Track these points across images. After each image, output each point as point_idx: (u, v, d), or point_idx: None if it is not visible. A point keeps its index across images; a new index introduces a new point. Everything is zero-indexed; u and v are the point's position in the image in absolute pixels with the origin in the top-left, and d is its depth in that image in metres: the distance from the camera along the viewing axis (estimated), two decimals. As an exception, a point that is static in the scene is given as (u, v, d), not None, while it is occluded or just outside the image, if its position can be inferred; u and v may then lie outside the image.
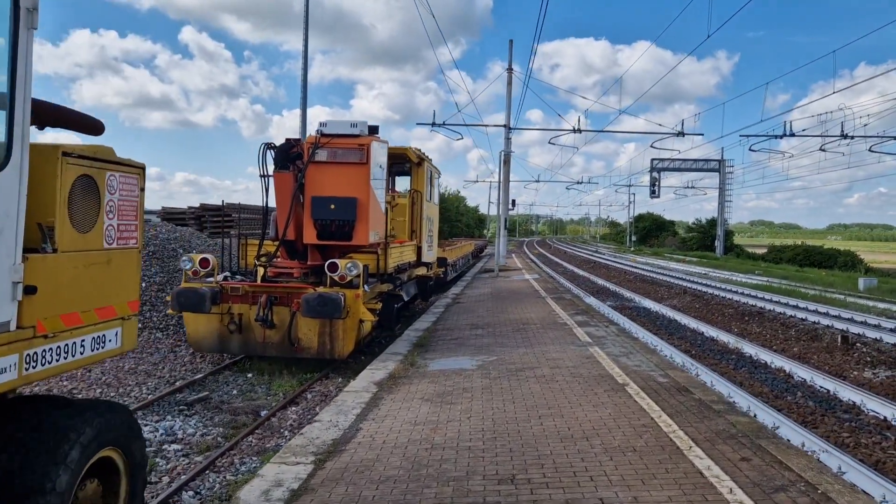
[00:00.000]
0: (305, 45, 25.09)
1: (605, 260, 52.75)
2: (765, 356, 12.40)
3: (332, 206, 10.40)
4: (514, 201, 54.19)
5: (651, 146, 36.73)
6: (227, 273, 11.53)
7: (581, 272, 37.23)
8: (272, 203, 10.92)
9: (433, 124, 32.46)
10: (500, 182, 28.19)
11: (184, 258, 10.81)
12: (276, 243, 11.02)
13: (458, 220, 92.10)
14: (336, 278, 10.53)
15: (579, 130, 32.95)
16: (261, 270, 10.98)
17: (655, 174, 69.16)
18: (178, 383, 9.98)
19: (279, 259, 11.05)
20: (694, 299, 22.86)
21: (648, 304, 21.19)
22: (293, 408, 9.01)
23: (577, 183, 71.78)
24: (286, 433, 7.90)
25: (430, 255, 19.25)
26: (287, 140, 10.78)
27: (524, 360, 10.03)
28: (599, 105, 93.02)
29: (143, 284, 13.97)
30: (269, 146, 10.53)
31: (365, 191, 10.50)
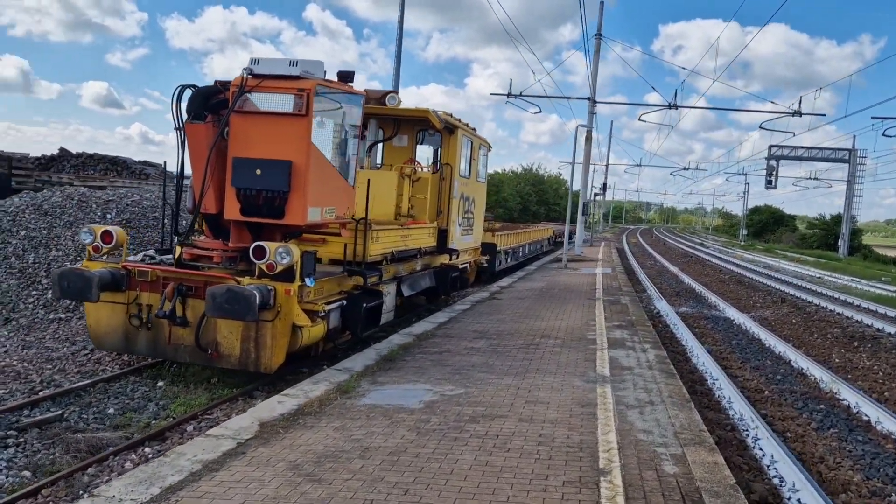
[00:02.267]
0: (401, 19, 23.00)
1: (706, 255, 47.85)
2: (870, 410, 8.81)
3: (258, 172, 7.79)
4: (604, 185, 50.28)
5: (761, 127, 31.99)
6: (152, 251, 9.20)
7: (671, 267, 33.17)
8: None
9: (509, 95, 29.33)
10: (573, 162, 24.87)
11: (84, 229, 8.55)
12: (200, 217, 8.55)
13: (556, 203, 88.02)
14: (263, 267, 7.97)
15: (675, 106, 28.87)
16: (178, 251, 8.55)
17: (773, 163, 62.63)
18: (42, 392, 7.74)
19: (201, 238, 8.59)
20: (792, 311, 18.84)
21: (732, 313, 17.46)
22: (151, 447, 6.52)
23: (684, 169, 66.28)
24: (83, 493, 5.41)
25: (465, 241, 16.40)
26: (216, 83, 8.25)
27: (496, 399, 7.12)
28: (723, 87, 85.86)
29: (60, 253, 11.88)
30: (186, 88, 8.03)
31: (302, 151, 7.82)
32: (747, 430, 7.75)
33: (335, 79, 8.85)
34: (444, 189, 14.87)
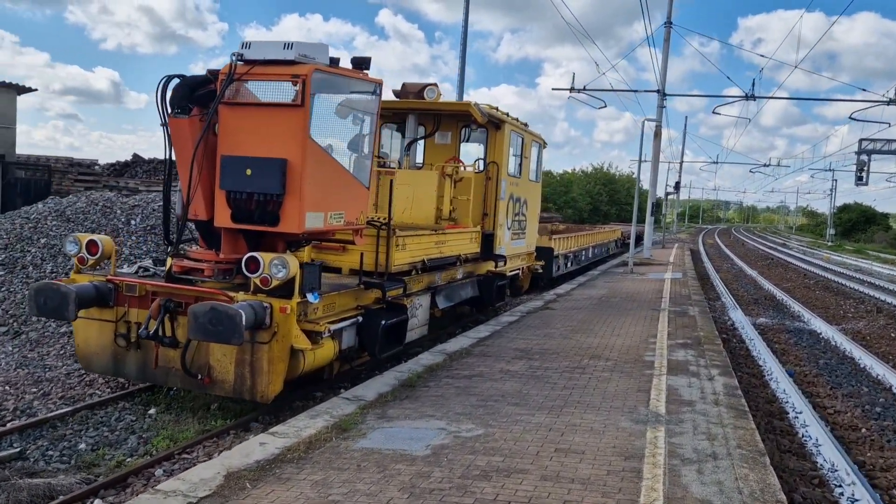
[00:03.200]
0: (465, 19, 22.40)
1: (789, 257, 44.76)
2: None
3: (248, 172, 6.75)
4: (677, 183, 47.75)
5: (851, 118, 29.30)
6: (148, 262, 8.32)
7: (749, 271, 30.82)
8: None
9: (571, 89, 27.76)
10: (639, 159, 23.11)
11: (69, 239, 7.72)
12: (192, 224, 7.60)
13: (628, 203, 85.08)
14: (258, 282, 6.93)
15: (753, 97, 26.64)
16: (169, 262, 7.62)
17: (863, 157, 58.37)
18: (10, 422, 6.91)
19: (195, 249, 7.62)
20: (890, 323, 16.69)
21: (819, 325, 15.52)
22: (104, 499, 5.54)
23: (765, 165, 62.63)
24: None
25: (515, 246, 15.11)
26: (208, 72, 7.26)
27: (519, 445, 5.84)
28: (807, 80, 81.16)
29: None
30: (172, 78, 7.07)
31: (298, 148, 6.71)
32: (840, 487, 6.21)
33: (314, 57, 7.69)
34: (490, 190, 13.62)
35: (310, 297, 7.15)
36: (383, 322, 8.37)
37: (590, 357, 9.40)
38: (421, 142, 14.12)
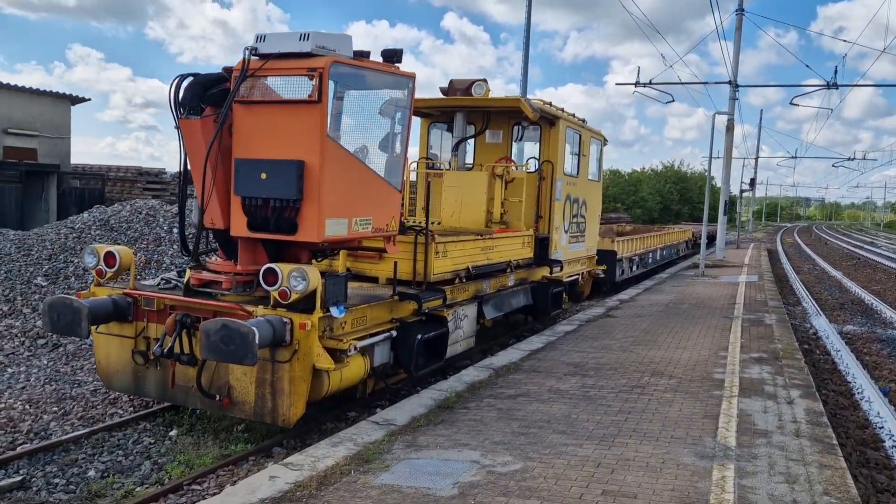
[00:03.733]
0: (528, 19, 21.88)
1: (878, 256, 41.91)
2: None
3: (263, 176, 6.18)
4: (752, 180, 45.49)
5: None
6: (172, 273, 7.88)
7: (833, 272, 28.80)
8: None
9: (636, 84, 26.51)
10: (710, 155, 21.70)
11: (87, 250, 7.35)
12: (209, 233, 7.10)
13: (701, 201, 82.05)
14: (276, 295, 6.37)
15: (835, 85, 24.78)
16: (188, 274, 7.14)
17: (959, 148, 54.28)
18: (21, 446, 6.53)
19: (215, 259, 7.12)
20: None
21: (915, 334, 14.01)
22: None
23: (849, 160, 59.09)
24: None
25: (573, 250, 14.23)
26: (223, 69, 6.75)
27: (560, 486, 5.06)
28: (892, 67, 76.48)
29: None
30: (186, 77, 6.58)
31: (315, 148, 6.09)
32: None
33: (331, 49, 7.05)
34: (545, 190, 12.80)
35: (334, 311, 6.54)
36: (419, 336, 7.69)
37: (651, 374, 8.48)
38: (471, 141, 13.42)
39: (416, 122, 13.75)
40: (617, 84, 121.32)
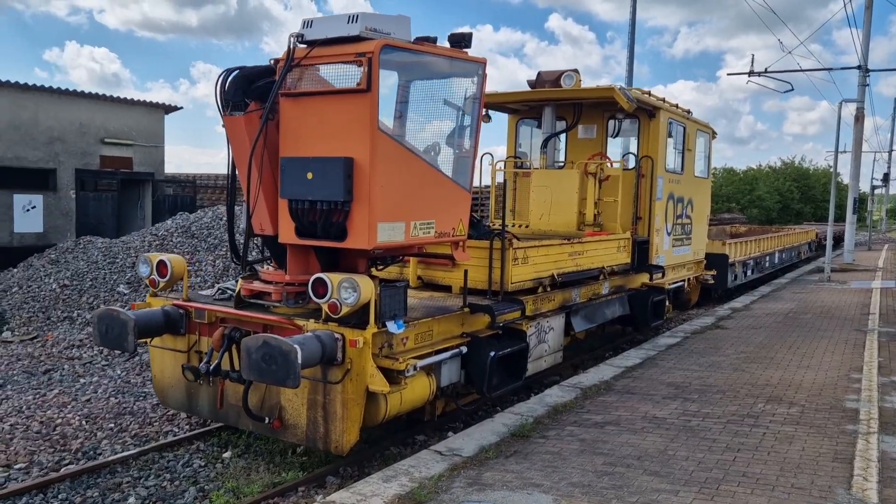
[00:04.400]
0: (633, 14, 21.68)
1: None
2: None
3: (310, 176, 5.54)
4: (886, 175, 41.55)
5: None
6: (231, 283, 7.42)
7: (984, 276, 25.52)
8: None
9: (750, 73, 24.50)
10: (836, 150, 19.54)
11: (141, 259, 6.98)
12: (256, 239, 6.55)
13: (825, 199, 76.45)
14: (326, 308, 5.73)
15: None
16: (240, 284, 6.62)
17: None
18: (66, 467, 6.18)
19: (267, 269, 6.55)
20: None
21: None
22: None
23: None
24: None
25: (677, 254, 12.95)
26: (270, 61, 6.18)
27: (647, 549, 4.09)
28: None
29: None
30: (234, 72, 6.05)
31: (364, 142, 5.38)
32: None
33: (383, 31, 6.29)
34: (644, 189, 11.64)
35: (391, 326, 5.82)
36: (493, 353, 6.84)
37: (766, 399, 7.26)
38: (562, 137, 12.44)
39: (502, 118, 12.93)
40: (729, 74, 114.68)
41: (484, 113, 12.41)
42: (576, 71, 11.42)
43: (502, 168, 12.40)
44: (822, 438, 6.00)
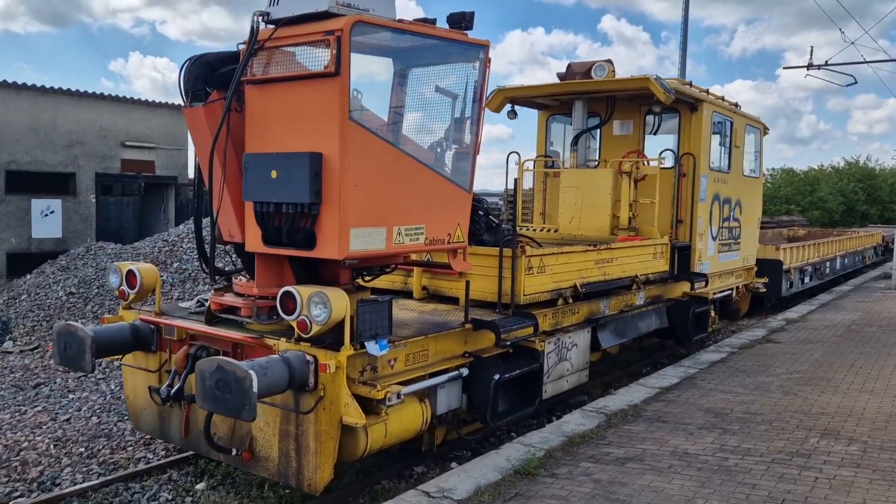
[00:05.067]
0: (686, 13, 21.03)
1: None
2: None
3: (274, 174, 4.81)
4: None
5: None
6: (209, 294, 6.77)
7: None
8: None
9: (808, 66, 22.97)
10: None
11: (111, 268, 6.39)
12: (226, 248, 5.87)
13: (893, 200, 72.83)
14: (296, 326, 5.00)
15: None
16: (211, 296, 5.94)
17: None
18: (16, 501, 5.58)
19: (240, 280, 5.86)
20: None
21: None
22: None
23: None
24: None
25: (724, 261, 11.88)
26: (238, 46, 5.48)
27: None
28: None
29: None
30: (198, 59, 5.37)
31: (333, 134, 4.62)
32: None
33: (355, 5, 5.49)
34: (685, 189, 10.63)
35: (371, 347, 5.05)
36: (497, 377, 6.00)
37: (821, 433, 6.22)
38: (596, 134, 11.50)
39: (531, 114, 12.06)
40: (785, 68, 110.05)
41: (510, 108, 11.68)
42: (609, 61, 10.49)
43: (531, 168, 11.55)
44: (890, 487, 4.98)
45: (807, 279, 17.10)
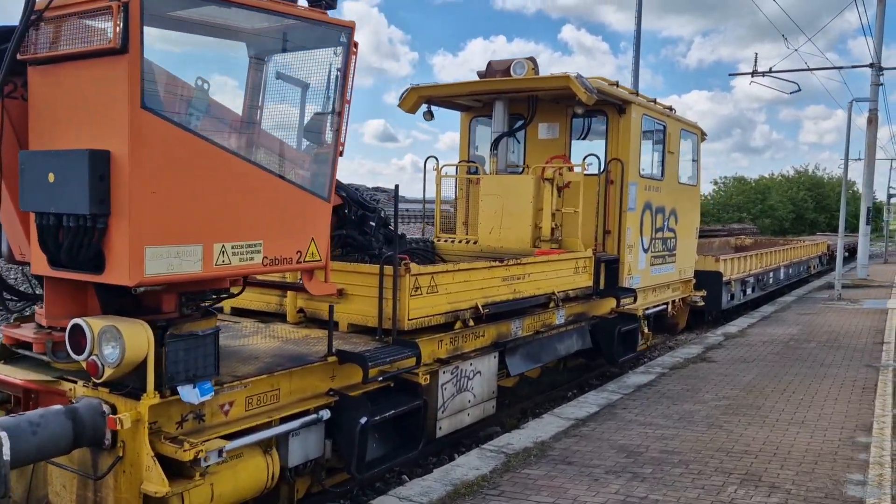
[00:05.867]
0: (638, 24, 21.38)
1: None
2: None
3: (51, 177, 3.82)
4: (903, 183, 39.32)
5: None
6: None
7: None
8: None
9: (753, 73, 22.64)
10: (845, 156, 17.66)
11: None
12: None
13: (839, 209, 74.13)
14: (86, 368, 4.01)
15: None
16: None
17: None
18: None
19: (40, 308, 4.82)
20: None
21: None
22: None
23: None
24: None
25: (658, 274, 11.17)
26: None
27: None
28: None
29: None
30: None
31: (121, 127, 3.65)
32: None
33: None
34: (612, 198, 9.88)
35: (186, 393, 4.07)
36: (363, 420, 5.06)
37: (741, 478, 5.43)
38: (522, 137, 10.69)
39: (452, 116, 11.20)
40: (730, 75, 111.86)
41: (427, 109, 10.79)
42: (531, 59, 9.68)
43: (451, 174, 10.68)
44: (810, 556, 4.18)
45: (749, 290, 16.58)
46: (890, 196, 39.26)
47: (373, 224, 6.41)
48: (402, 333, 5.85)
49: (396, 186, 5.92)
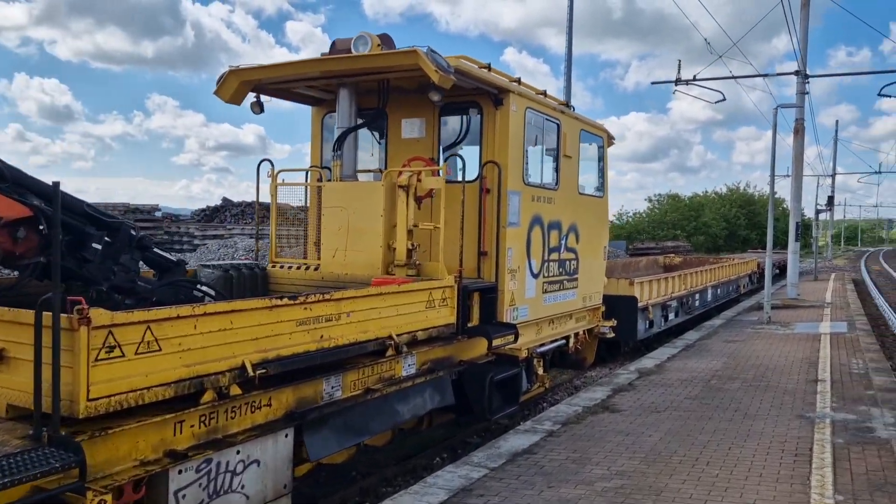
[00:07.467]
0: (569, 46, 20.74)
1: None
2: None
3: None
4: (830, 198, 39.09)
5: None
6: None
7: (944, 310, 22.47)
8: None
9: (676, 81, 21.25)
10: (772, 167, 16.23)
11: None
12: None
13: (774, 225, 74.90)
14: None
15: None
16: None
17: None
18: None
19: None
20: None
21: None
22: None
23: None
24: None
25: (553, 303, 9.21)
26: None
27: None
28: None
29: None
30: None
31: None
32: None
33: None
34: (489, 210, 7.88)
35: None
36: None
37: None
38: (376, 136, 8.64)
39: (303, 110, 9.05)
40: (653, 83, 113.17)
41: (255, 99, 8.65)
42: (384, 35, 7.61)
43: (288, 182, 8.50)
44: None
45: (672, 315, 14.84)
46: (818, 212, 38.82)
47: (96, 247, 4.28)
48: (77, 422, 3.63)
49: (56, 183, 3.69)
